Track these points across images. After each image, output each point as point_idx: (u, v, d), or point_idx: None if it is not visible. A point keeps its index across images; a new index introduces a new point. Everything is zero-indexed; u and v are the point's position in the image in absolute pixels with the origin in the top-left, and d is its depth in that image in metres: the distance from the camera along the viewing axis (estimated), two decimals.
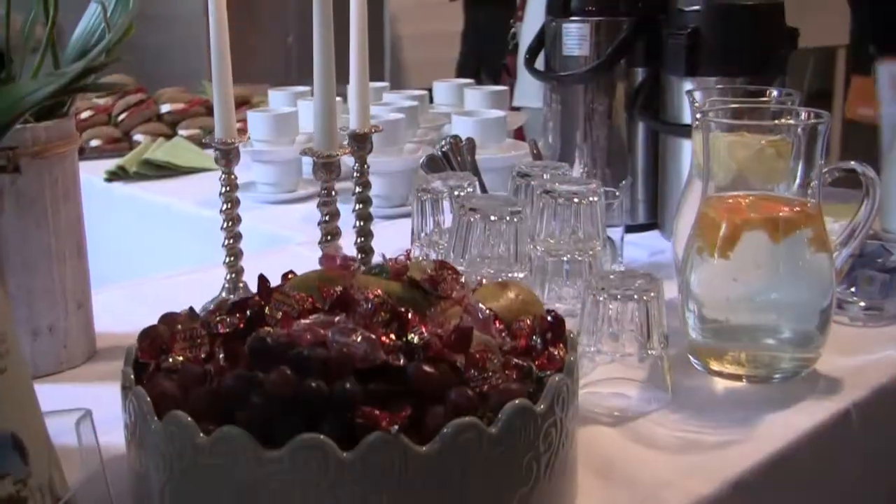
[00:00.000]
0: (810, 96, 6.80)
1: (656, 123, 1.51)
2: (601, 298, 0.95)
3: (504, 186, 1.69)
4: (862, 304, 1.23)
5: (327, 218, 1.08)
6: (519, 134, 2.19)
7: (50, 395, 0.78)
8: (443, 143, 1.33)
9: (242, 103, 2.50)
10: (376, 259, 1.09)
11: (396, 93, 2.04)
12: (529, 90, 2.82)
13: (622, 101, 1.56)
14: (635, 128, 1.56)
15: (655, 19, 1.52)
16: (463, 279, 0.87)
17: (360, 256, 1.13)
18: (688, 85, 1.44)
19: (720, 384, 1.04)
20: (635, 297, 0.95)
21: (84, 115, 2.32)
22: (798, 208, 1.03)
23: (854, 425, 1.00)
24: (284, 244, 1.57)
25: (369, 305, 0.75)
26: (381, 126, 1.60)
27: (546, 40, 1.61)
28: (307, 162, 1.32)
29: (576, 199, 1.09)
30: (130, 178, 2.05)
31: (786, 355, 1.05)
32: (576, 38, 1.56)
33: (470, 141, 1.34)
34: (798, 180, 1.03)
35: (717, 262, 1.03)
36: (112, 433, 0.80)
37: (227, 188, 1.16)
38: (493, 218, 1.01)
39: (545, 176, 1.19)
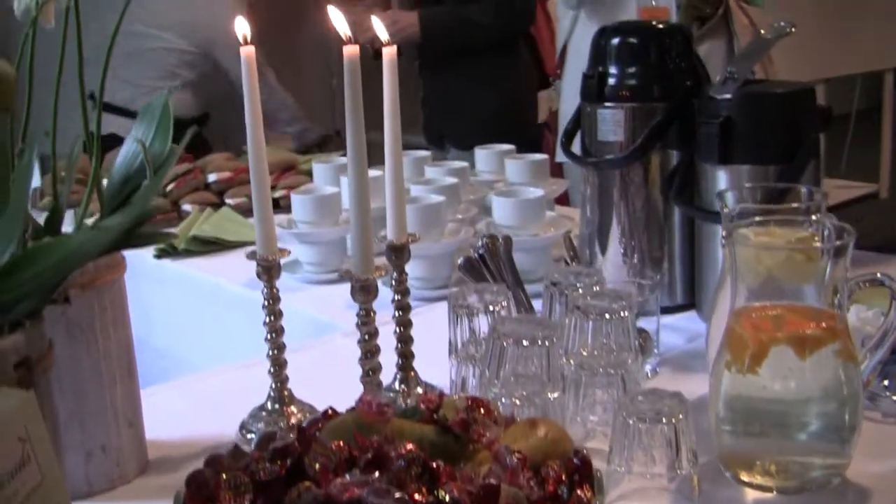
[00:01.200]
0: (859, 114, 6.82)
1: (691, 210, 1.53)
2: (631, 421, 0.98)
3: (542, 267, 1.73)
4: (895, 398, 1.24)
5: (367, 337, 1.12)
6: (563, 198, 2.22)
7: None
8: (479, 244, 1.36)
9: (288, 168, 2.56)
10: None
11: (438, 166, 2.07)
12: None
13: (657, 184, 1.59)
14: (671, 209, 1.59)
15: (689, 103, 1.54)
16: (495, 414, 0.90)
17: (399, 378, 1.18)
18: (721, 172, 1.47)
19: (750, 495, 1.07)
20: (664, 419, 0.98)
21: None
22: (825, 324, 1.05)
23: None
24: (329, 334, 1.60)
25: (402, 462, 0.78)
26: (422, 209, 1.65)
27: (582, 124, 1.64)
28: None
29: (607, 315, 1.12)
30: (179, 254, 2.10)
31: (816, 463, 1.07)
32: (610, 123, 1.59)
33: (507, 241, 1.38)
34: (826, 278, 1.06)
35: (746, 377, 1.06)
36: None
37: (270, 301, 1.20)
38: (525, 343, 1.05)
39: (578, 287, 1.22)
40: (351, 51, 1.04)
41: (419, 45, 3.30)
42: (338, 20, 1.06)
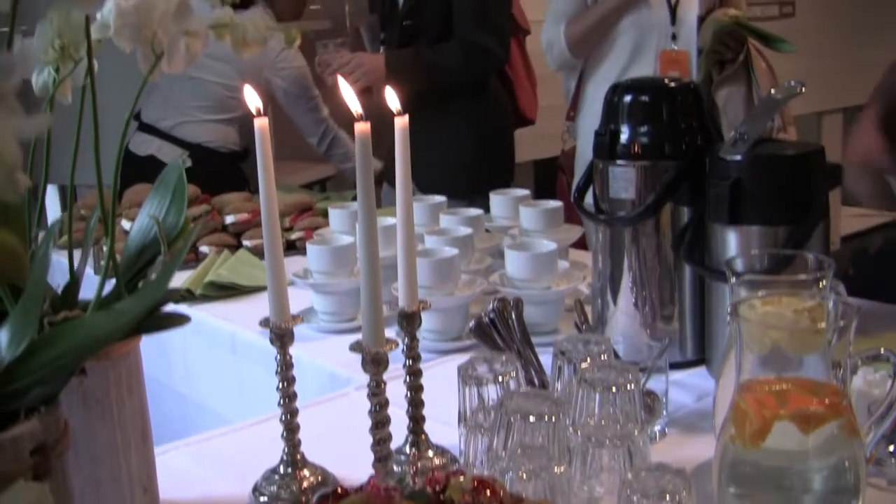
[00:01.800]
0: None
1: (701, 269, 1.55)
2: (635, 498, 1.00)
3: (554, 320, 1.75)
4: None
5: (377, 408, 1.14)
6: (581, 242, 2.23)
7: None
8: (490, 308, 1.38)
9: (305, 210, 2.59)
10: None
11: (453, 213, 2.09)
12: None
13: (668, 238, 1.60)
14: (682, 263, 1.60)
15: (701, 162, 1.55)
16: (501, 495, 0.92)
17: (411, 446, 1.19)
18: (730, 232, 1.48)
19: None
20: (668, 497, 0.99)
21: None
22: (828, 400, 1.06)
23: None
24: (342, 387, 1.62)
25: None
26: (435, 262, 1.66)
27: (594, 180, 1.66)
28: None
29: (614, 388, 1.14)
30: (196, 299, 2.12)
31: None
32: (622, 181, 1.60)
33: (517, 304, 1.39)
34: (831, 350, 1.07)
35: (749, 450, 1.07)
36: None
37: (283, 368, 1.22)
38: (532, 419, 1.06)
39: (586, 357, 1.24)
40: (362, 128, 1.05)
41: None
42: (349, 96, 1.08)
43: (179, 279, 2.20)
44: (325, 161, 4.01)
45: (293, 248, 2.47)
